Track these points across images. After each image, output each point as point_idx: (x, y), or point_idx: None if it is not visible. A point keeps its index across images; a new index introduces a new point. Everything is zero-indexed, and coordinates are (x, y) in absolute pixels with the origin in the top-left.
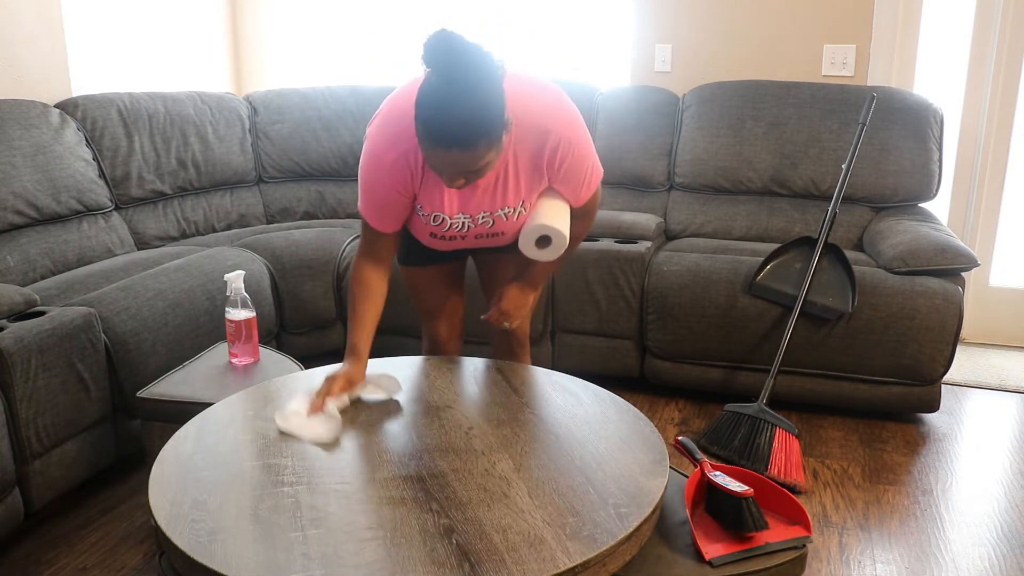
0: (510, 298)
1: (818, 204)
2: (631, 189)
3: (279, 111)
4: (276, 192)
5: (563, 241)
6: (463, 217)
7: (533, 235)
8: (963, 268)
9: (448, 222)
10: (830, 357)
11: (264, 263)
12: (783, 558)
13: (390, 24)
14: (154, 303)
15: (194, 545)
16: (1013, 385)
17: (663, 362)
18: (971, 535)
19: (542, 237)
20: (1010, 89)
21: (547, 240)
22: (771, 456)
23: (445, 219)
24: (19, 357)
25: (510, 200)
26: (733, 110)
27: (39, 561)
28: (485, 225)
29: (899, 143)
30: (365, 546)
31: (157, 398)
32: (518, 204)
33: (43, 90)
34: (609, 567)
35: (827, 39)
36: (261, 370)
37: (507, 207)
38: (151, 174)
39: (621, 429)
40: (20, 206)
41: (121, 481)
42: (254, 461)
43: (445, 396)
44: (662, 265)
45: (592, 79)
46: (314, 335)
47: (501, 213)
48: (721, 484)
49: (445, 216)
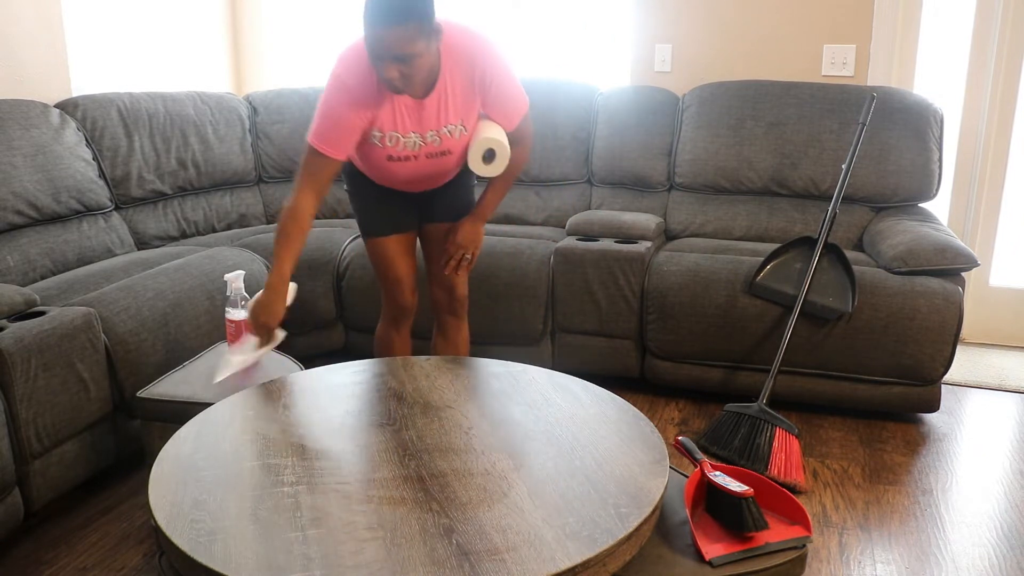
0: (464, 231)
1: (818, 204)
2: (631, 189)
3: (279, 111)
4: (276, 192)
5: (505, 153)
6: (415, 136)
7: (480, 149)
8: (963, 268)
9: (402, 141)
10: (830, 357)
11: (264, 263)
12: (783, 558)
13: None
14: (154, 303)
15: (194, 545)
16: (1013, 385)
17: (663, 362)
18: (971, 535)
19: (488, 151)
20: (1010, 89)
21: (492, 153)
22: (771, 456)
23: (399, 138)
24: (19, 357)
25: (451, 118)
26: (733, 110)
27: (39, 561)
28: (434, 144)
29: (899, 143)
30: (365, 546)
31: (157, 398)
32: (458, 122)
33: (43, 90)
34: (609, 567)
35: (827, 39)
36: (261, 370)
37: (450, 124)
38: (151, 174)
39: (621, 429)
40: (20, 206)
41: (121, 481)
42: (254, 461)
43: (445, 396)
44: (662, 265)
45: (592, 79)
46: (314, 335)
47: (446, 130)
48: (721, 484)
49: (399, 135)
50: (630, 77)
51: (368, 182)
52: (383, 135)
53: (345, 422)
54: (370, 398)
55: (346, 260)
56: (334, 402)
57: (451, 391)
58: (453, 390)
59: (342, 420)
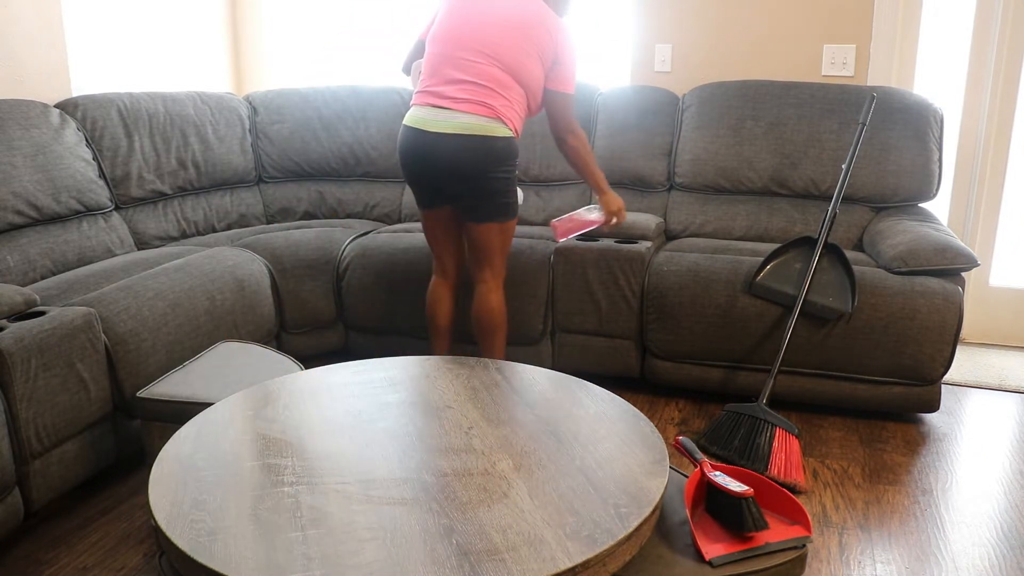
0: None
1: (818, 204)
2: (631, 189)
3: (279, 111)
4: (276, 192)
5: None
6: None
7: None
8: (963, 268)
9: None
10: (830, 357)
11: (264, 263)
12: (783, 558)
13: (390, 24)
14: (154, 303)
15: (194, 545)
16: (1013, 385)
17: (663, 362)
18: (971, 535)
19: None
20: (1010, 89)
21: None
22: (771, 456)
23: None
24: (19, 357)
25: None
26: (733, 110)
27: (39, 561)
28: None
29: (899, 143)
30: (365, 546)
31: (157, 398)
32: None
33: (43, 90)
34: (609, 567)
35: (827, 39)
36: (261, 370)
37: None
38: (151, 174)
39: (621, 429)
40: (20, 206)
41: (121, 481)
42: (254, 461)
43: (445, 396)
44: (662, 265)
45: (592, 79)
46: (314, 335)
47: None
48: (721, 484)
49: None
50: (630, 77)
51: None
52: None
53: (345, 422)
54: (370, 398)
55: (346, 260)
56: (334, 402)
57: (451, 391)
58: (453, 390)
59: (342, 420)
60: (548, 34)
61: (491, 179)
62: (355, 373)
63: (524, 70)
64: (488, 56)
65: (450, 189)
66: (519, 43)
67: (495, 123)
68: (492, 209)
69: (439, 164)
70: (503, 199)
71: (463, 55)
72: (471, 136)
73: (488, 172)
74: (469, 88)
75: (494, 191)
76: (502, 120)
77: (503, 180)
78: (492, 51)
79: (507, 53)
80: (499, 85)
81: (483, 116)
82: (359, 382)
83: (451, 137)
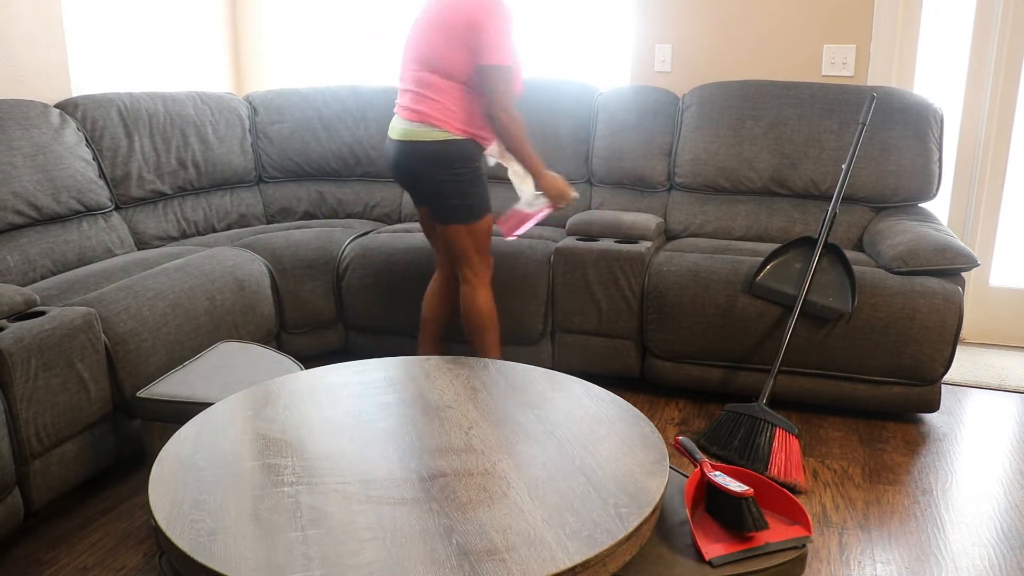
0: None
1: (818, 204)
2: (631, 189)
3: (279, 111)
4: (276, 192)
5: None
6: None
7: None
8: (963, 268)
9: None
10: (830, 357)
11: (264, 263)
12: (783, 558)
13: (390, 24)
14: (154, 303)
15: (194, 545)
16: (1013, 385)
17: (663, 362)
18: (971, 535)
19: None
20: (1010, 89)
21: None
22: (771, 456)
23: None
24: (19, 357)
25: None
26: (733, 110)
27: (39, 561)
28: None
29: (899, 143)
30: (365, 546)
31: (157, 398)
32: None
33: (43, 90)
34: (609, 567)
35: (827, 39)
36: (261, 370)
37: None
38: (151, 174)
39: (621, 429)
40: (20, 206)
41: (121, 481)
42: (254, 461)
43: (445, 396)
44: (662, 265)
45: (592, 79)
46: (314, 335)
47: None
48: (721, 484)
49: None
50: (630, 77)
51: (481, 159)
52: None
53: (345, 422)
54: (370, 398)
55: (346, 260)
56: (334, 402)
57: (451, 391)
58: (453, 390)
59: (342, 420)
60: (466, 15)
61: (440, 182)
62: (355, 373)
63: (449, 63)
64: (419, 61)
65: (413, 192)
66: (443, 38)
67: (425, 127)
68: (450, 212)
69: (398, 169)
70: (459, 201)
71: (408, 63)
72: (407, 142)
73: (433, 176)
74: (409, 96)
75: (448, 193)
76: (432, 124)
77: (451, 184)
78: (422, 55)
79: (432, 53)
80: (429, 88)
81: (414, 122)
82: (359, 382)
83: (398, 143)
